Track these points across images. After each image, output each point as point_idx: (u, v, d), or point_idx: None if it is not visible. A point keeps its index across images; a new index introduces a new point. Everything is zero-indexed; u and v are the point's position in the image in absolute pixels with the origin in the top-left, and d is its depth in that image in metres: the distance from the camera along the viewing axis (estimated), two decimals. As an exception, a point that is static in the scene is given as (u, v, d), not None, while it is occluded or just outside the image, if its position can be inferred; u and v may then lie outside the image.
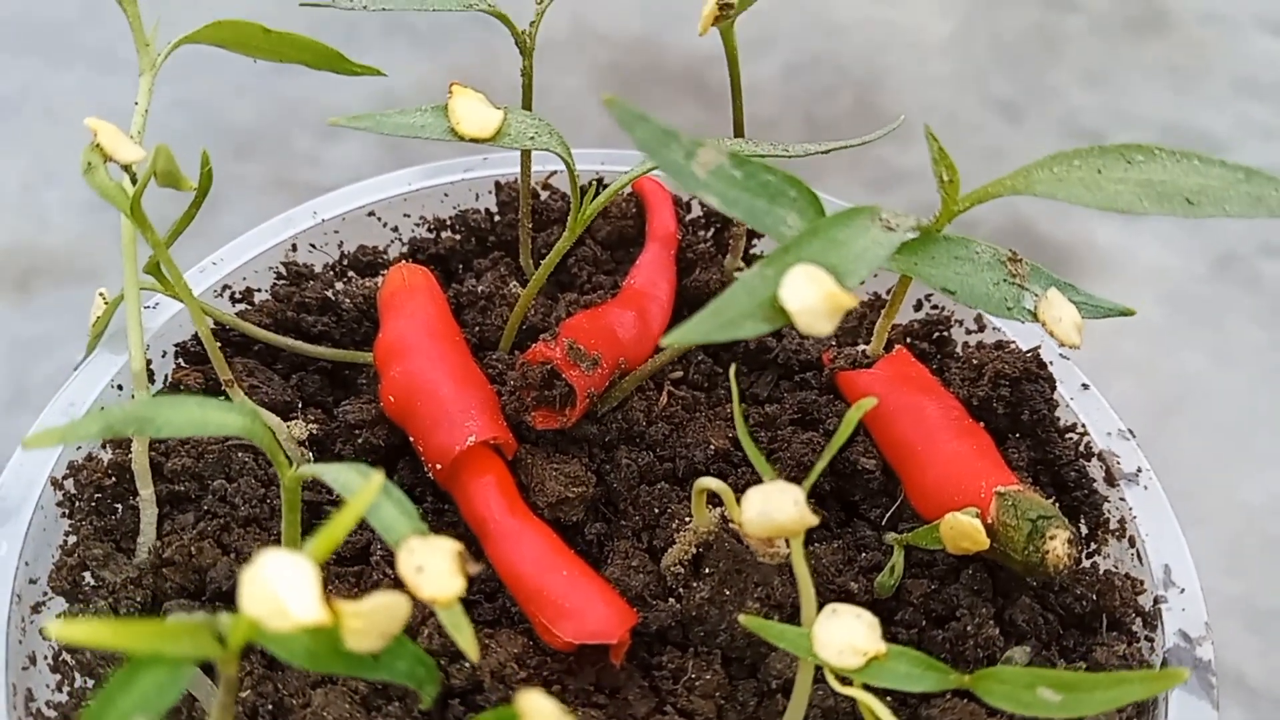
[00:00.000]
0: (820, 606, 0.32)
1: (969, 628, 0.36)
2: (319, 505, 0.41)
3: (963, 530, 0.35)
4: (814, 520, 0.31)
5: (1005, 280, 0.35)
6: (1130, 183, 0.31)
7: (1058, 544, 0.35)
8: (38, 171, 0.93)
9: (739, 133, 0.45)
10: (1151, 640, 0.37)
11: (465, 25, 1.13)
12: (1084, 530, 0.42)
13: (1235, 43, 1.25)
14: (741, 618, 0.32)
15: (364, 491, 0.26)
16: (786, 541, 0.37)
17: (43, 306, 0.81)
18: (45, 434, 0.29)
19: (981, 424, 0.41)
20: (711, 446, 0.42)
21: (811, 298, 0.30)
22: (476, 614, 0.38)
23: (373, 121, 0.36)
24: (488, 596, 0.39)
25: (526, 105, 0.45)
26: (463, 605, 0.29)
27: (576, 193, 0.40)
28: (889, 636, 0.36)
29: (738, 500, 0.36)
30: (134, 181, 0.37)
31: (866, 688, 0.31)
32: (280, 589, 0.24)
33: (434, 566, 0.28)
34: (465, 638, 0.28)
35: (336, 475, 0.31)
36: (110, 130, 0.34)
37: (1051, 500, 0.39)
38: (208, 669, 0.35)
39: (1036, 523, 0.36)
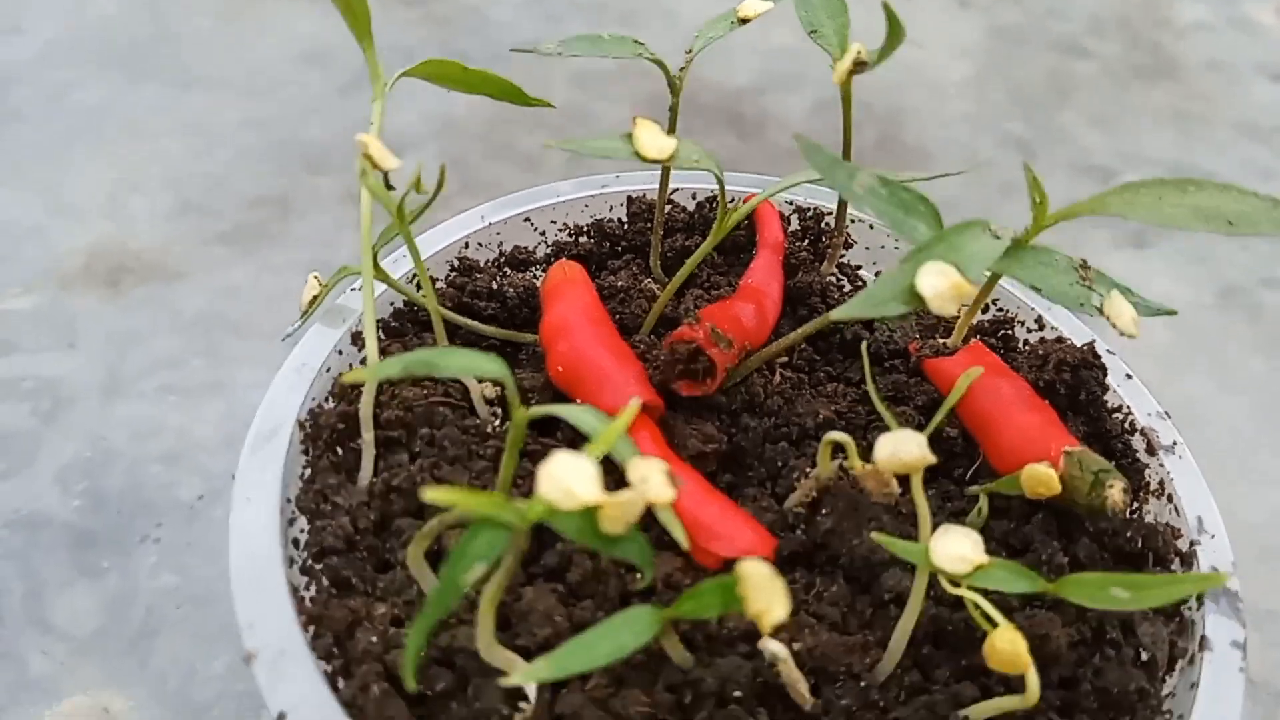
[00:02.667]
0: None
1: (1043, 557, 0.45)
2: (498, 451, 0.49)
3: (1039, 478, 0.45)
4: (933, 459, 0.40)
5: (1078, 282, 0.44)
6: (1185, 206, 0.41)
7: (1115, 491, 0.44)
8: (123, 181, 0.99)
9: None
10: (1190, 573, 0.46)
11: (515, 54, 1.22)
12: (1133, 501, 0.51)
13: (1238, 89, 1.35)
14: (873, 534, 0.41)
15: (622, 419, 0.35)
16: (898, 483, 0.46)
17: (132, 303, 0.87)
18: (359, 372, 0.38)
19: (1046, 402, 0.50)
20: (821, 415, 0.51)
21: (942, 286, 0.39)
22: (639, 541, 0.47)
23: (578, 144, 0.45)
24: (644, 529, 0.47)
25: (672, 130, 0.54)
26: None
27: (724, 204, 0.49)
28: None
29: (858, 451, 0.45)
30: (378, 182, 0.46)
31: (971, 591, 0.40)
32: (570, 480, 0.33)
33: (653, 479, 0.37)
34: (678, 530, 0.37)
35: (570, 412, 0.39)
36: (376, 144, 0.43)
37: (1104, 465, 0.48)
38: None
39: (1098, 475, 0.45)
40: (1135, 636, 0.44)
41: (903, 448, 0.40)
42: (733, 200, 0.62)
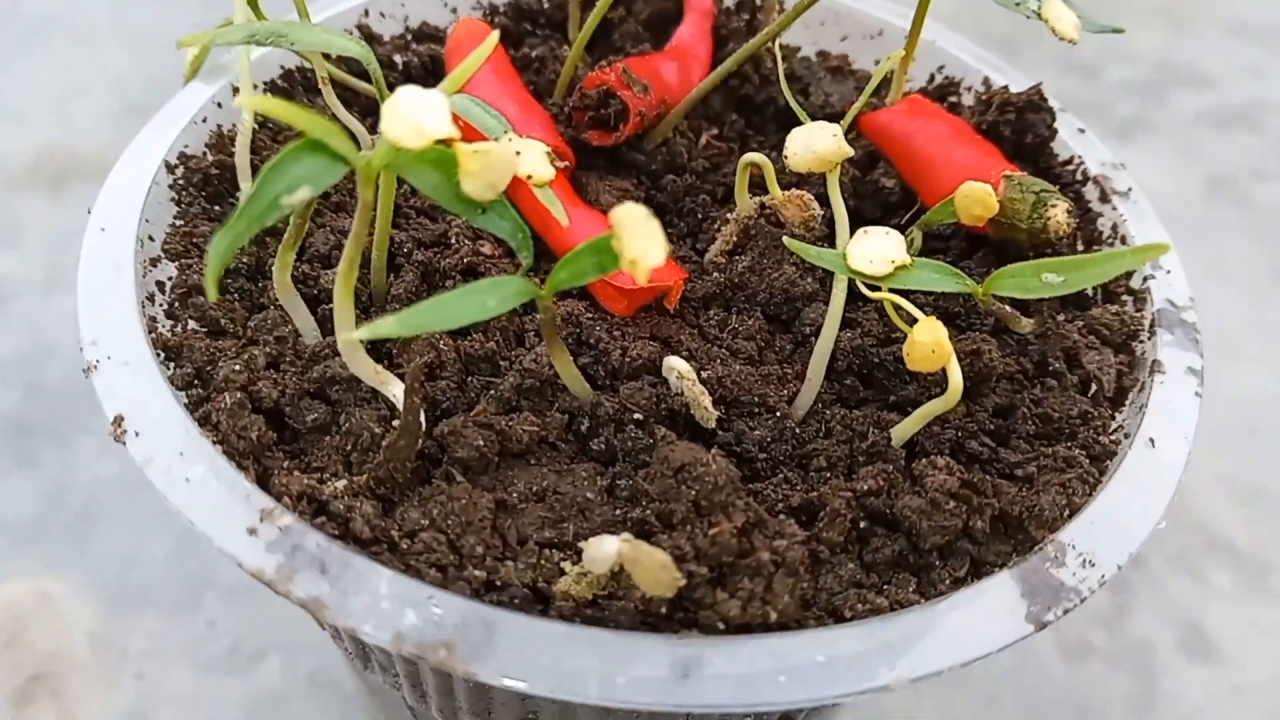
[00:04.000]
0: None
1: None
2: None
3: (975, 196, 0.40)
4: (850, 151, 0.36)
5: (1015, -19, 0.40)
6: None
7: (1058, 212, 0.40)
8: (70, 86, 0.96)
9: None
10: (1142, 309, 0.42)
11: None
12: (1080, 247, 0.47)
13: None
14: (785, 240, 0.37)
15: (479, 51, 0.31)
16: (820, 211, 0.42)
17: (75, 201, 0.84)
18: (197, 35, 0.34)
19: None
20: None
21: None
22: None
23: None
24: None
25: None
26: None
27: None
28: (913, 299, 0.41)
29: (777, 179, 0.41)
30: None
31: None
32: (416, 113, 0.29)
33: (530, 155, 0.33)
34: (557, 209, 0.33)
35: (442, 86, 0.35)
36: None
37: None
38: (322, 322, 0.40)
39: (1040, 194, 0.41)
40: (1081, 367, 0.40)
41: (816, 138, 0.36)
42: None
